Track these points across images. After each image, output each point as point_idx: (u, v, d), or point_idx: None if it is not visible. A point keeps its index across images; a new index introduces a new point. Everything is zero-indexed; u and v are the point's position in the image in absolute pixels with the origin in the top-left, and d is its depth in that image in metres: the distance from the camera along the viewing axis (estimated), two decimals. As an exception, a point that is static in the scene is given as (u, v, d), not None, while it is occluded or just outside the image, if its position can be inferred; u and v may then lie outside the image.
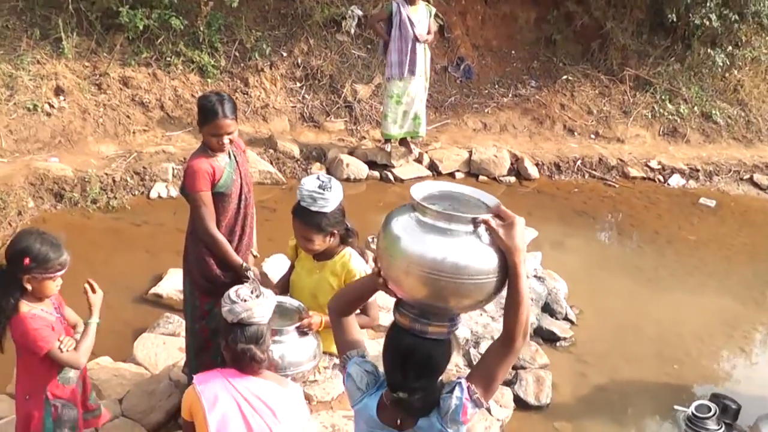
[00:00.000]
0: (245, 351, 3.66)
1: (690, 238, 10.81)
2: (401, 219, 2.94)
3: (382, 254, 3.01)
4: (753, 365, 8.18)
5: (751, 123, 14.43)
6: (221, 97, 4.95)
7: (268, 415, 3.65)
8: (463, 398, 2.97)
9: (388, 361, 3.10)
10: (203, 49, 11.16)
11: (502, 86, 13.70)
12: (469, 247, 2.81)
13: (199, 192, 4.95)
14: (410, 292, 2.94)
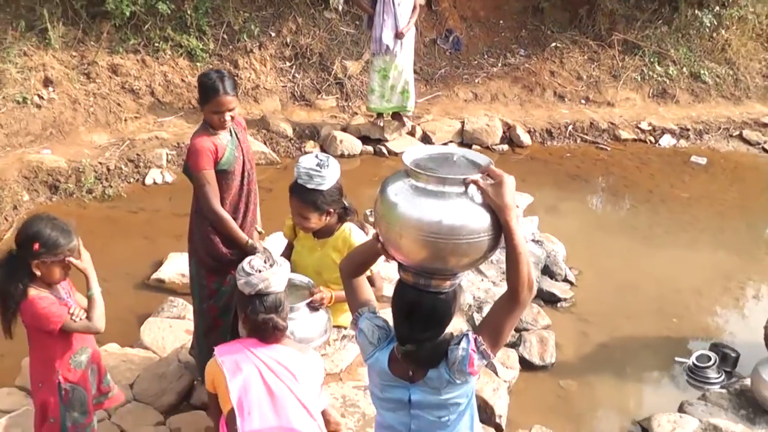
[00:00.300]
0: (267, 321, 3.71)
1: (683, 196, 10.92)
2: (396, 185, 3.02)
3: (379, 221, 3.09)
4: (749, 315, 8.29)
5: (740, 81, 14.54)
6: (221, 74, 4.94)
7: (288, 378, 3.70)
8: (469, 349, 3.06)
9: (395, 316, 3.20)
10: (191, 33, 11.16)
11: (491, 56, 13.75)
12: (462, 208, 2.88)
13: (203, 170, 4.93)
14: (409, 256, 3.01)
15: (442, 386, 3.17)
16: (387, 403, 3.38)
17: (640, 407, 6.66)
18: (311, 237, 4.98)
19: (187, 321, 6.62)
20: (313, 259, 4.98)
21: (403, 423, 3.36)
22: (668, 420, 6.12)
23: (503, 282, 7.50)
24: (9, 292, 4.01)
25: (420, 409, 3.28)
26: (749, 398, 6.46)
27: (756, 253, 9.64)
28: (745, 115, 13.72)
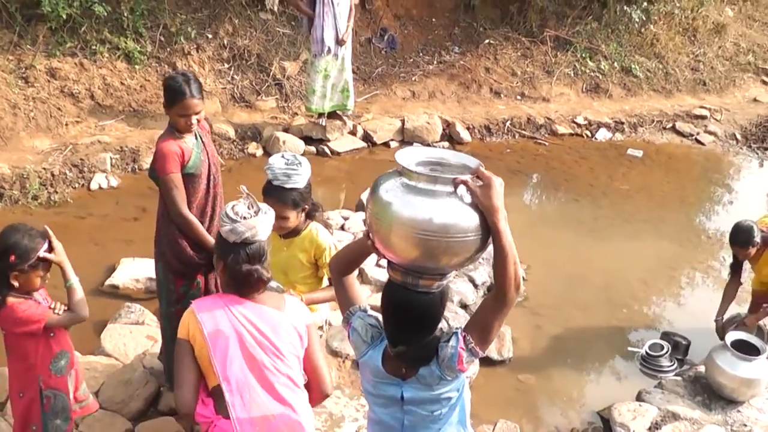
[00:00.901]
0: (251, 272, 3.51)
1: (622, 188, 11.11)
2: (388, 184, 3.04)
3: (372, 220, 3.09)
4: (696, 302, 8.47)
5: (669, 74, 14.86)
6: (187, 77, 4.87)
7: (270, 351, 3.55)
8: (458, 347, 3.10)
9: (385, 316, 3.25)
10: (128, 35, 10.94)
11: (426, 54, 13.77)
12: (452, 207, 2.91)
13: (170, 174, 4.86)
14: (401, 254, 3.02)
15: (433, 383, 3.20)
16: (379, 399, 3.40)
17: (598, 397, 6.74)
18: (277, 237, 4.93)
19: (146, 326, 6.54)
20: (279, 259, 4.93)
21: (397, 419, 3.38)
22: (628, 409, 6.21)
23: (456, 278, 7.60)
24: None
25: (413, 405, 3.30)
26: (704, 385, 6.57)
27: (696, 241, 9.85)
28: (677, 108, 14.05)
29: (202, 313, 3.47)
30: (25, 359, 4.14)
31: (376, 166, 10.78)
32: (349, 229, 8.50)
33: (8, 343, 4.13)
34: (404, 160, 3.07)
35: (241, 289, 3.56)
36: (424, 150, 3.28)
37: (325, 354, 6.38)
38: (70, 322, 4.21)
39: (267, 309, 3.60)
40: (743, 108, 14.65)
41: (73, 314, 4.16)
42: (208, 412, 3.54)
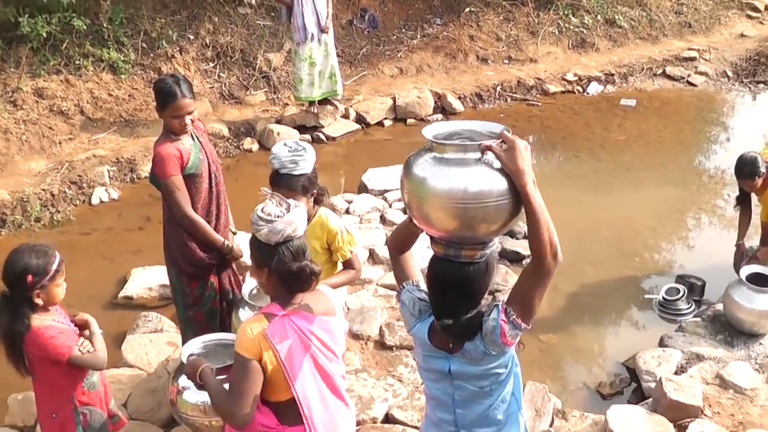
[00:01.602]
0: (303, 268, 3.39)
1: (619, 139, 11.10)
2: (419, 161, 3.04)
3: (409, 198, 3.08)
4: (707, 241, 8.51)
5: (654, 21, 14.84)
6: (176, 78, 4.87)
7: (334, 360, 3.59)
8: (499, 320, 3.03)
9: (430, 290, 3.23)
10: (110, 45, 10.90)
11: (409, 29, 13.74)
12: (483, 174, 2.89)
13: (171, 177, 4.85)
14: (440, 226, 3.00)
15: (479, 357, 3.16)
16: (430, 373, 3.40)
17: (621, 348, 6.75)
18: None
19: (165, 333, 6.55)
20: None
21: (448, 393, 3.36)
22: (652, 356, 6.23)
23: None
24: (17, 332, 3.93)
25: (461, 380, 3.28)
26: (723, 323, 6.59)
27: (699, 182, 9.87)
28: (665, 53, 14.07)
29: (276, 338, 3.37)
30: (54, 381, 4.12)
31: (373, 147, 10.83)
32: (354, 212, 8.52)
33: (34, 367, 4.10)
34: (431, 134, 3.06)
35: (294, 289, 3.46)
36: (449, 123, 3.26)
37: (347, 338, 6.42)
38: (91, 365, 4.16)
39: (327, 320, 3.55)
40: (731, 45, 14.64)
41: (96, 357, 4.12)
42: (269, 421, 3.53)
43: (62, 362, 4.00)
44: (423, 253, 4.44)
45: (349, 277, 5.07)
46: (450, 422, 3.40)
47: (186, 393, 4.10)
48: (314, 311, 3.50)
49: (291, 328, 3.41)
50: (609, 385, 6.29)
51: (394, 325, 6.51)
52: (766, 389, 5.77)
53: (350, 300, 6.86)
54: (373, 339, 6.45)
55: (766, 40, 14.52)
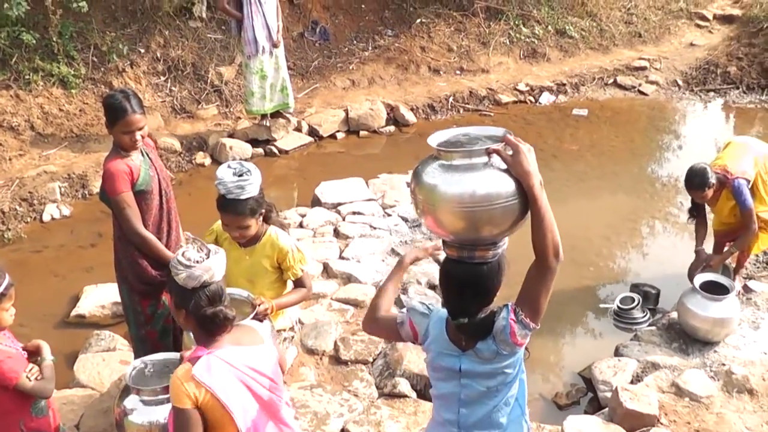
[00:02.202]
0: (217, 313, 3.41)
1: (572, 148, 11.15)
2: (428, 169, 3.19)
3: (422, 206, 3.21)
4: (661, 249, 8.55)
5: (604, 31, 14.98)
6: (126, 94, 4.79)
7: (272, 387, 3.57)
8: (508, 319, 3.19)
9: (446, 292, 3.37)
10: (60, 60, 10.70)
11: (360, 41, 13.70)
12: (491, 177, 3.04)
13: (121, 193, 4.78)
14: (453, 230, 3.17)
15: (491, 357, 3.30)
16: (439, 372, 3.49)
17: (577, 358, 6.74)
18: (236, 247, 4.86)
19: (118, 352, 6.42)
20: (243, 269, 4.86)
21: (454, 393, 3.46)
22: (608, 366, 6.22)
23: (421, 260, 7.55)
24: None
25: (469, 379, 3.39)
26: (678, 330, 6.61)
27: (652, 190, 9.91)
28: (616, 62, 14.21)
29: (204, 376, 3.32)
30: (2, 405, 4.01)
31: (326, 160, 10.76)
32: (308, 226, 8.43)
33: None
34: (436, 142, 3.23)
35: (210, 333, 3.46)
36: (451, 131, 3.39)
37: (301, 353, 6.34)
38: (38, 393, 4.07)
39: (254, 349, 3.54)
40: (681, 54, 14.80)
41: (43, 386, 4.04)
42: None
43: (9, 388, 3.91)
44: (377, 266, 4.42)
45: (300, 296, 5.02)
46: (453, 422, 3.51)
47: (132, 414, 4.02)
48: (240, 344, 3.52)
49: (216, 363, 3.38)
50: (565, 395, 6.27)
51: (349, 340, 6.44)
52: (721, 397, 5.79)
53: (304, 315, 6.79)
54: (327, 354, 6.37)
55: (715, 48, 14.70)
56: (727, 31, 15.40)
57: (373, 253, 7.81)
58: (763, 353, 6.27)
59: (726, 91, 13.64)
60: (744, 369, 6.00)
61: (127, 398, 4.01)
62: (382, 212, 8.71)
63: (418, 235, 8.18)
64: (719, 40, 15.10)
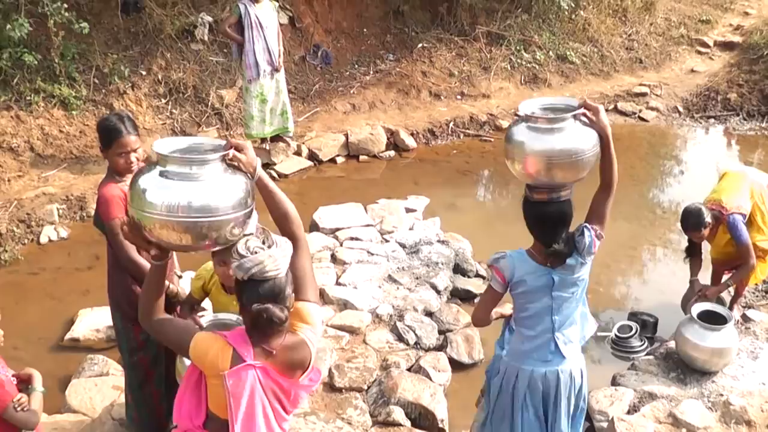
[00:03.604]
0: (260, 312, 3.23)
1: (573, 175, 11.08)
2: (518, 129, 4.16)
3: (516, 160, 4.17)
4: (660, 277, 8.53)
5: (605, 57, 15.00)
6: (120, 116, 4.79)
7: (282, 416, 3.46)
8: (592, 236, 4.19)
9: (542, 228, 4.25)
10: (62, 81, 10.72)
11: (361, 65, 13.75)
12: (576, 133, 4.05)
13: (115, 219, 4.69)
14: (544, 177, 4.11)
15: (576, 268, 4.30)
16: (532, 294, 4.38)
17: None
18: (222, 293, 4.77)
19: (111, 377, 6.39)
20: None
21: (546, 306, 4.41)
22: (604, 395, 6.16)
23: (418, 287, 7.55)
24: None
25: (560, 290, 4.35)
26: (676, 360, 6.55)
27: (651, 217, 9.89)
28: (617, 88, 14.21)
29: (231, 384, 3.26)
30: None
31: (326, 184, 10.74)
32: (306, 251, 8.38)
33: None
34: (525, 109, 4.19)
35: (255, 333, 3.34)
36: (538, 100, 4.37)
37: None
38: (23, 425, 4.04)
39: (294, 383, 3.43)
40: (682, 80, 14.82)
41: (28, 418, 4.01)
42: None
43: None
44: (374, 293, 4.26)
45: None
46: (548, 330, 4.46)
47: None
48: (288, 361, 3.38)
49: (254, 379, 3.30)
50: (562, 425, 6.21)
51: (344, 367, 6.39)
52: (718, 428, 5.75)
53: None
54: (322, 381, 6.30)
55: (715, 75, 14.72)
56: (728, 58, 15.42)
57: (370, 279, 7.78)
58: (762, 384, 6.21)
59: (726, 117, 13.65)
60: (742, 400, 5.95)
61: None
62: (380, 238, 8.67)
63: (416, 261, 8.14)
64: (720, 67, 15.12)
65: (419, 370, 6.49)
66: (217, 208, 3.13)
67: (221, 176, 3.19)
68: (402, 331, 6.94)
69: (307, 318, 3.47)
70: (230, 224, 3.21)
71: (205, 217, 3.12)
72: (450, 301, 7.74)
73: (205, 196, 3.11)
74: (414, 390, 6.11)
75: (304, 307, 3.49)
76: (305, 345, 3.42)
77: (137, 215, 3.19)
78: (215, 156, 3.19)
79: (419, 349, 6.85)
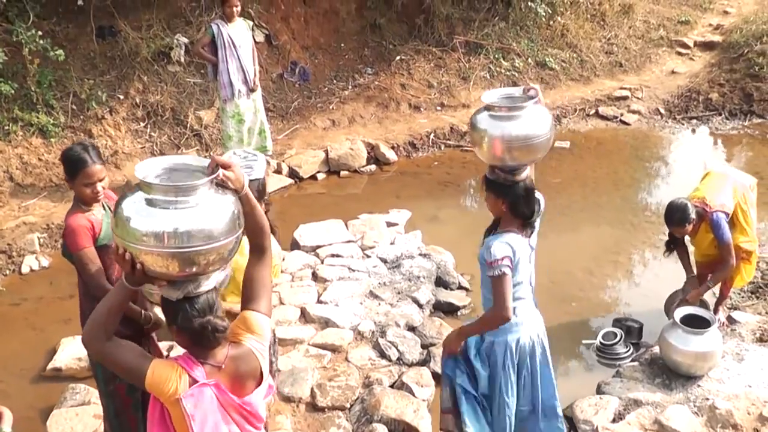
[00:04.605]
0: (205, 325, 3.21)
1: (554, 182, 11.03)
2: (481, 117, 4.72)
3: (473, 140, 4.82)
4: (643, 283, 8.47)
5: (585, 62, 14.99)
6: (84, 145, 4.75)
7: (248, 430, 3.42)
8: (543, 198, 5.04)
9: (520, 205, 4.69)
10: (39, 109, 10.63)
11: (340, 80, 13.69)
12: (532, 119, 4.62)
13: (83, 249, 4.69)
14: (510, 159, 4.64)
15: (535, 232, 4.98)
16: (524, 265, 4.84)
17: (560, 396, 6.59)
18: None
19: (93, 406, 6.30)
20: None
21: (528, 269, 4.94)
22: (589, 404, 6.12)
23: (400, 302, 7.48)
24: None
25: (533, 251, 4.97)
26: (661, 365, 6.51)
27: (635, 221, 9.83)
28: (597, 93, 14.19)
29: (189, 407, 3.21)
30: None
31: (307, 201, 10.67)
32: (286, 270, 8.29)
33: None
34: (488, 99, 4.76)
35: (200, 347, 3.31)
36: (497, 90, 5.04)
37: (277, 401, 6.23)
38: None
39: (251, 397, 3.41)
40: (663, 82, 14.81)
41: None
42: None
43: None
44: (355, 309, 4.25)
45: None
46: (529, 294, 5.04)
47: None
48: (238, 372, 3.36)
49: (211, 398, 3.27)
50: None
51: (326, 386, 6.34)
52: (705, 433, 5.69)
53: (281, 361, 6.68)
54: (304, 401, 6.27)
55: (696, 75, 14.73)
56: (708, 58, 15.43)
57: (351, 296, 7.71)
58: (748, 386, 6.16)
59: (708, 118, 13.63)
60: (728, 403, 5.89)
61: None
62: (361, 254, 8.61)
63: (397, 276, 8.08)
64: (701, 67, 15.13)
65: (402, 386, 6.42)
66: (211, 233, 3.06)
67: (212, 198, 3.12)
68: (384, 348, 6.87)
69: (254, 327, 3.45)
70: (228, 247, 3.17)
71: (202, 245, 3.05)
72: (433, 315, 7.68)
73: (199, 222, 3.04)
74: (397, 407, 6.04)
75: (253, 316, 3.47)
76: (252, 355, 3.40)
77: (128, 248, 3.13)
78: (204, 181, 3.09)
79: (402, 364, 6.78)
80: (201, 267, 3.14)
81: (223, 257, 3.18)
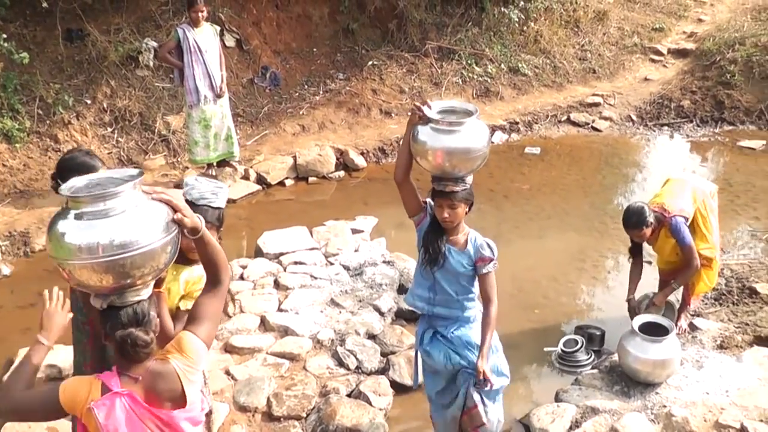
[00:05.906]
0: (125, 337, 3.14)
1: (524, 188, 11.03)
2: (423, 130, 4.79)
3: (416, 151, 4.93)
4: (608, 289, 8.44)
5: (558, 68, 15.00)
6: (87, 152, 4.76)
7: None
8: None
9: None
10: (4, 114, 10.50)
11: (311, 85, 13.64)
12: (470, 134, 4.77)
13: None
14: (450, 169, 4.88)
15: None
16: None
17: (518, 405, 6.56)
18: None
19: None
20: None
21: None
22: (546, 412, 6.06)
23: (361, 310, 7.41)
24: None
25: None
26: (620, 373, 6.47)
27: (602, 228, 9.78)
28: (570, 99, 14.20)
29: (101, 417, 3.13)
30: None
31: (274, 208, 10.60)
32: (248, 278, 8.21)
33: None
34: (434, 112, 4.85)
35: (121, 360, 3.24)
36: (438, 102, 5.07)
37: (233, 410, 6.15)
38: None
39: (170, 415, 3.30)
40: (635, 89, 14.84)
41: None
42: None
43: None
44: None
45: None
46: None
47: None
48: (154, 389, 3.26)
49: (123, 408, 3.17)
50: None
51: (282, 395, 6.27)
52: (661, 441, 5.65)
53: (238, 371, 6.60)
54: (260, 410, 6.19)
55: (669, 83, 14.75)
56: (681, 65, 15.47)
57: (312, 303, 7.63)
58: (705, 393, 6.12)
59: (680, 125, 13.66)
60: (685, 410, 5.86)
61: None
62: (324, 261, 8.53)
63: (359, 284, 8.01)
64: (673, 74, 15.17)
65: (359, 395, 6.35)
66: (144, 235, 3.06)
67: (141, 202, 3.13)
68: (342, 356, 6.80)
69: (186, 349, 3.35)
70: (161, 253, 3.15)
71: (135, 250, 3.04)
72: (395, 323, 7.59)
73: (130, 227, 3.04)
74: (353, 416, 5.98)
75: (187, 337, 3.37)
76: (174, 375, 3.30)
77: (62, 264, 3.08)
78: (128, 185, 3.09)
79: (360, 373, 6.71)
80: (134, 278, 3.11)
81: (158, 266, 3.17)
